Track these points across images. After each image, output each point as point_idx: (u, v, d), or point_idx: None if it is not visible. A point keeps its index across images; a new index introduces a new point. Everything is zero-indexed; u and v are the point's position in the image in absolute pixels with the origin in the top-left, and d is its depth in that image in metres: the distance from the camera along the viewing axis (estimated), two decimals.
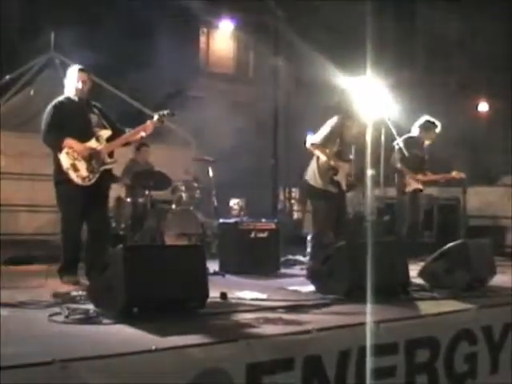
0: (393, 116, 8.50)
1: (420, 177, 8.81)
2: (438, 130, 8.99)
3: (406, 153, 8.60)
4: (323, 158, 7.12)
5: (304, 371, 3.59)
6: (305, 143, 7.31)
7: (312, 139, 7.16)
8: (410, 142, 8.83)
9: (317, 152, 7.17)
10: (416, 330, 4.24)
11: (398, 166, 8.81)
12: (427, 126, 8.94)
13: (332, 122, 7.23)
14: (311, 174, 7.26)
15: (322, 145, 7.15)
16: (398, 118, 9.27)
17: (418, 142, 8.91)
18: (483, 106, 20.62)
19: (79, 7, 12.97)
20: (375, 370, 3.88)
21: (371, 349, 3.87)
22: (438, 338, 4.29)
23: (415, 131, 8.97)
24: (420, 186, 8.85)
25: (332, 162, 7.09)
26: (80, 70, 6.13)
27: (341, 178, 7.18)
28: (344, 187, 7.26)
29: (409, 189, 8.74)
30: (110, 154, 6.17)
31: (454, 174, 9.07)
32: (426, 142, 9.01)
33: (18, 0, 13.34)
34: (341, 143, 7.23)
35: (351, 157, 7.33)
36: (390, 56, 18.49)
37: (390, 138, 8.99)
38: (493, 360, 4.63)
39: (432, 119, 9.13)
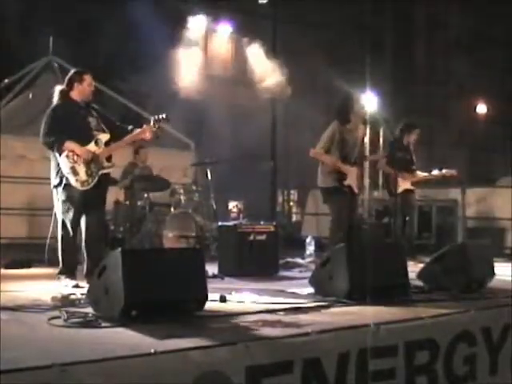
0: (391, 117, 8.59)
1: (409, 177, 8.90)
2: (417, 130, 9.13)
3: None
4: (328, 163, 7.26)
5: (303, 374, 3.58)
6: (304, 146, 7.42)
7: (314, 149, 7.33)
8: (394, 146, 8.99)
9: (321, 159, 7.32)
10: (415, 331, 4.24)
11: (385, 170, 8.98)
12: (406, 129, 9.11)
13: (330, 127, 7.35)
14: (319, 179, 7.48)
15: (324, 150, 7.28)
16: (397, 120, 9.31)
17: (402, 144, 9.02)
18: (482, 107, 20.64)
19: (78, 11, 12.98)
20: (375, 372, 3.88)
21: (371, 351, 3.86)
22: (437, 339, 4.28)
23: (397, 134, 9.11)
24: (410, 186, 8.93)
25: (338, 166, 7.20)
26: (85, 73, 6.13)
27: (351, 181, 7.27)
28: (356, 190, 7.37)
29: (399, 190, 8.81)
30: (108, 158, 6.18)
31: (445, 171, 9.12)
32: (410, 144, 9.12)
33: (16, 3, 13.34)
34: (345, 148, 7.31)
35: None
36: (389, 57, 18.50)
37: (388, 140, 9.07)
38: (492, 361, 4.62)
39: (410, 121, 9.33)
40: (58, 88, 6.18)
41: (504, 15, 17.74)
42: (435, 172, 9.13)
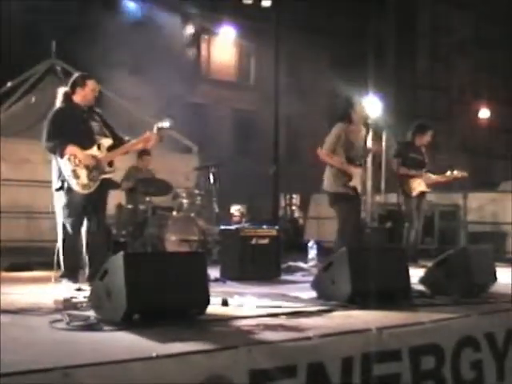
0: (394, 121, 8.59)
1: (423, 179, 8.86)
2: (430, 132, 9.10)
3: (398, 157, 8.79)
4: (335, 165, 7.24)
5: (307, 378, 3.57)
6: (307, 150, 7.40)
7: (321, 149, 7.29)
8: (407, 147, 8.96)
9: (327, 160, 7.29)
10: (418, 336, 4.22)
11: (400, 171, 8.89)
12: (419, 130, 9.07)
13: (335, 128, 7.32)
14: (327, 183, 7.45)
15: (331, 151, 7.26)
16: (400, 124, 9.30)
17: (415, 146, 9.00)
18: (484, 112, 20.66)
19: (80, 14, 13.00)
20: (379, 377, 3.86)
21: (374, 356, 3.85)
22: (442, 344, 4.26)
23: (409, 136, 9.08)
24: (425, 188, 8.90)
25: (344, 168, 7.18)
26: (88, 78, 6.13)
27: (356, 182, 7.25)
28: (360, 192, 7.35)
29: (415, 192, 8.77)
30: (110, 163, 6.18)
31: (456, 173, 9.10)
32: (422, 146, 9.09)
33: (19, 7, 13.37)
34: (350, 149, 7.30)
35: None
36: (391, 61, 18.50)
37: (391, 144, 9.05)
38: (499, 367, 4.59)
39: (423, 123, 9.30)
40: (62, 90, 6.17)
41: (507, 19, 17.76)
42: (448, 173, 9.10)
